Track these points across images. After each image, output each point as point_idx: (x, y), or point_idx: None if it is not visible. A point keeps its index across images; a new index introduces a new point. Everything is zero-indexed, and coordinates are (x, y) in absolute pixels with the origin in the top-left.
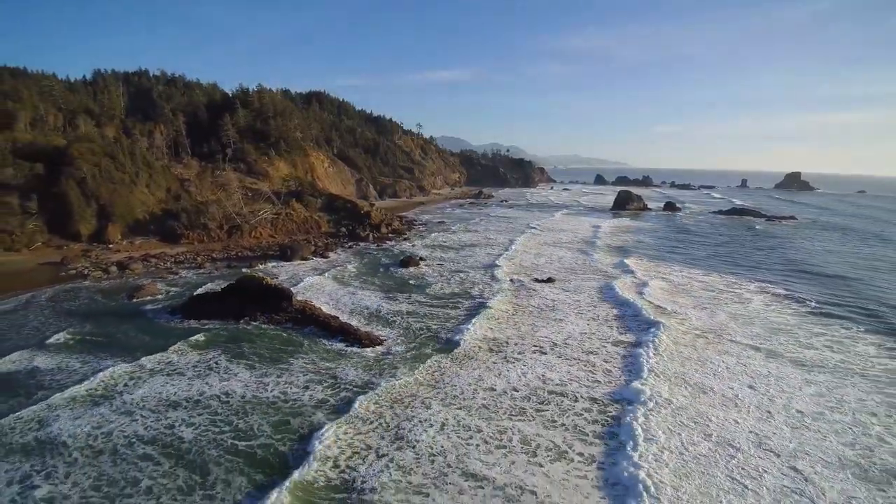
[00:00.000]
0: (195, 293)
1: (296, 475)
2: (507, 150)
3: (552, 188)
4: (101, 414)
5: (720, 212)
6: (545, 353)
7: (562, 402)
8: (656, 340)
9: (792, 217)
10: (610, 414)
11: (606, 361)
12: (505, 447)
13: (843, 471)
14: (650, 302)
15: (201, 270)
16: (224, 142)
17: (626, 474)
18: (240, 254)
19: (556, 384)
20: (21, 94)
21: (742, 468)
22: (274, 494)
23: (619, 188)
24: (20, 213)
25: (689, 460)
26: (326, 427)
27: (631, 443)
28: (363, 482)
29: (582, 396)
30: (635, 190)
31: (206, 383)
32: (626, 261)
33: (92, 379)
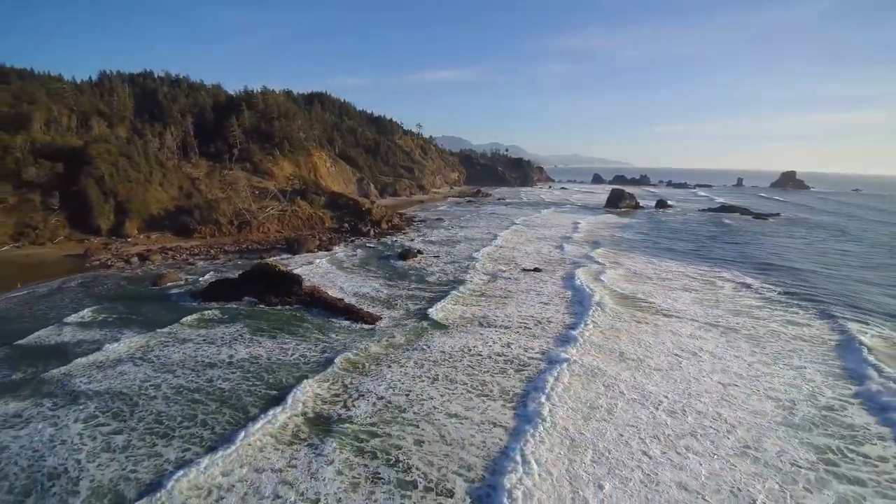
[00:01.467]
0: (214, 279)
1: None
2: (507, 150)
3: (550, 187)
4: (146, 373)
5: (709, 209)
6: (504, 328)
7: (499, 359)
8: (592, 316)
9: (777, 214)
10: (538, 368)
11: (545, 332)
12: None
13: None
14: (603, 286)
15: (216, 261)
16: (230, 142)
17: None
18: (250, 247)
19: (502, 346)
20: (34, 95)
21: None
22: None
23: (615, 187)
24: (43, 209)
25: (580, 400)
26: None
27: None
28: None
29: (516, 354)
30: (632, 189)
31: (234, 350)
32: (592, 253)
33: (130, 346)
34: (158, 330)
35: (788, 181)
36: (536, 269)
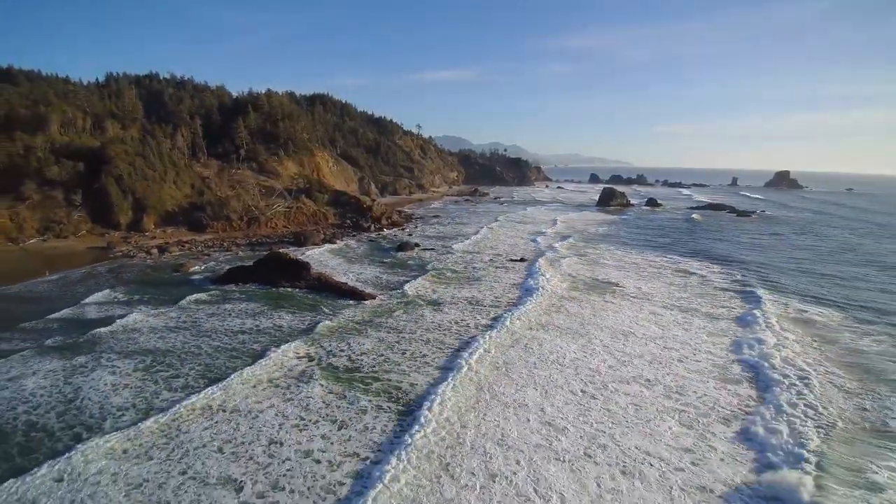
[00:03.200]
0: (231, 266)
1: None
2: (506, 150)
3: (547, 186)
4: (187, 337)
5: (696, 208)
6: (469, 304)
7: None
8: (540, 289)
9: (755, 212)
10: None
11: (494, 305)
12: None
13: None
14: (558, 270)
15: (229, 253)
16: (237, 143)
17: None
18: (259, 241)
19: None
20: (49, 98)
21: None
22: None
23: (607, 186)
24: (66, 205)
25: (498, 357)
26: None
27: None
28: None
29: (462, 320)
30: (627, 188)
31: (258, 321)
32: (558, 244)
33: (168, 318)
34: (188, 306)
35: (783, 181)
36: (509, 258)
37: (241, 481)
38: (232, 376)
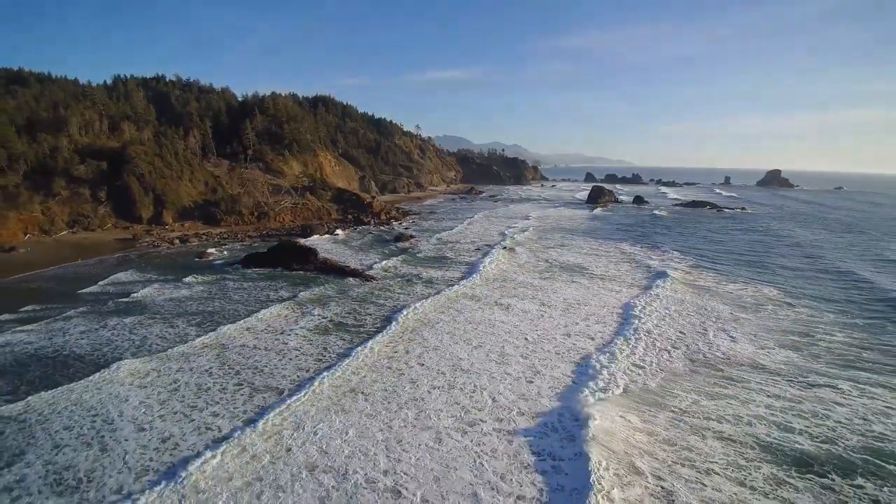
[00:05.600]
0: (248, 253)
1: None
2: (503, 150)
3: (542, 185)
4: (223, 302)
5: (680, 204)
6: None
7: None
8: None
9: (743, 208)
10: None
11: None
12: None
13: None
14: (511, 253)
15: (243, 243)
16: (245, 144)
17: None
18: (269, 233)
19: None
20: (68, 101)
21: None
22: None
23: (596, 185)
24: (92, 201)
25: (438, 303)
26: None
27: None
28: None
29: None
30: (622, 187)
31: (280, 293)
32: (519, 236)
33: (201, 290)
34: (216, 282)
35: (774, 179)
36: (476, 246)
37: (264, 363)
38: (261, 312)
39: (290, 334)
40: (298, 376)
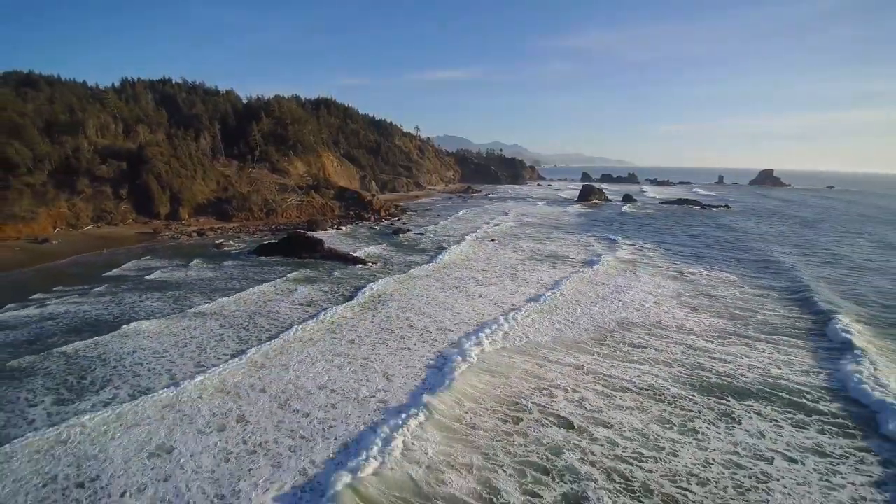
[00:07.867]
0: (261, 243)
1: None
2: (501, 150)
3: (538, 185)
4: (240, 282)
5: (666, 202)
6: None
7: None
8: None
9: (727, 205)
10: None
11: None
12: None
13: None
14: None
15: (255, 236)
16: (252, 145)
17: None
18: (278, 227)
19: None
20: (84, 105)
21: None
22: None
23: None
24: (114, 198)
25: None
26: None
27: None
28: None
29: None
30: (618, 186)
31: (293, 272)
32: (492, 229)
33: (222, 273)
34: (235, 266)
35: (767, 179)
36: (456, 239)
37: (276, 310)
38: (277, 280)
39: (295, 293)
40: (298, 318)
